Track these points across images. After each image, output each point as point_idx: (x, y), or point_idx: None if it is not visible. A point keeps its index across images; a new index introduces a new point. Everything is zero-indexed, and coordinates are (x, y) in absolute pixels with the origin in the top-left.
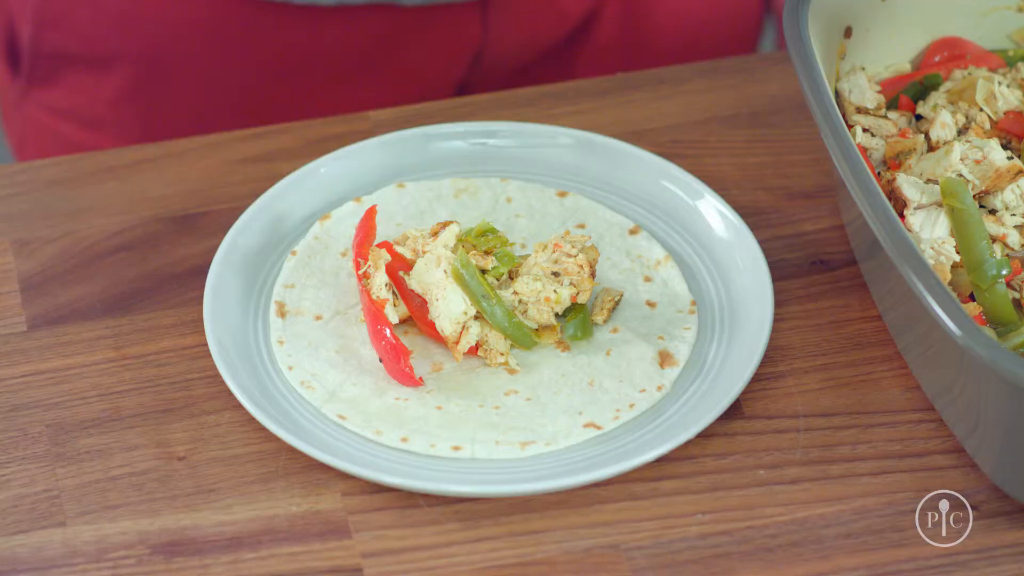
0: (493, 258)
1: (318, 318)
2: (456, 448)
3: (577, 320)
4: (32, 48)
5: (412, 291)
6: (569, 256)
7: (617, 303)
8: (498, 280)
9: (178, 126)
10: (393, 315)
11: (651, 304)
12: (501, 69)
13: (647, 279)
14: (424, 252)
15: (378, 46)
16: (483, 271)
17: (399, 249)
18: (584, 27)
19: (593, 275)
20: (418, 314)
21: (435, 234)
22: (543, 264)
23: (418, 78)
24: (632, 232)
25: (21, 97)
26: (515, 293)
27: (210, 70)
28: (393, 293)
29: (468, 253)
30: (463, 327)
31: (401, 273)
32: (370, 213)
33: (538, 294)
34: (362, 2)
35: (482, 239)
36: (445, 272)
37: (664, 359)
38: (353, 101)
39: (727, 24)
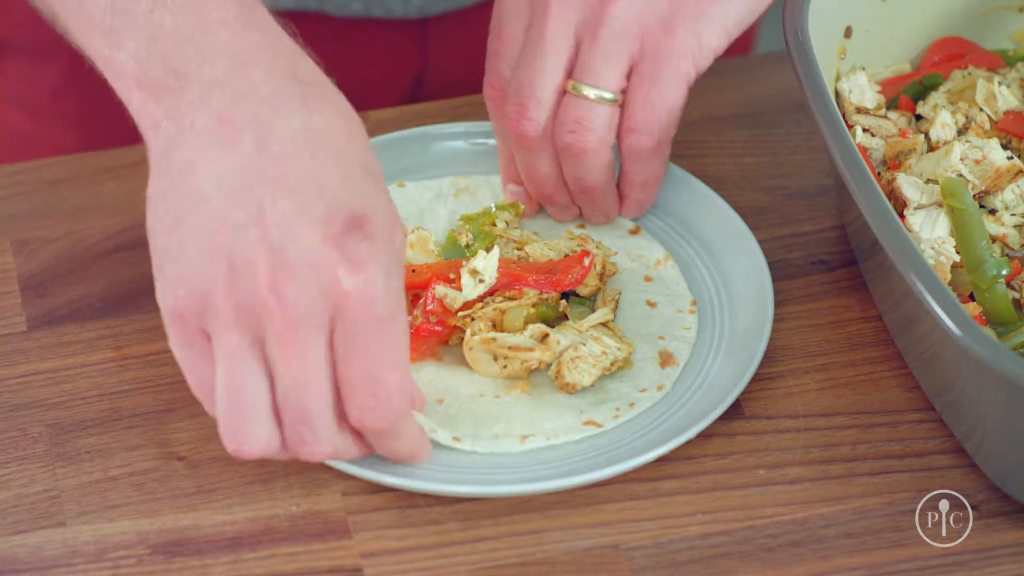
0: (469, 234)
1: None
2: (456, 439)
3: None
4: None
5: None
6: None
7: (617, 302)
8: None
9: (119, 121)
10: None
11: (651, 304)
12: (448, 95)
13: (647, 279)
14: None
15: (316, 56)
16: (467, 245)
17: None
18: None
19: (602, 278)
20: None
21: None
22: (561, 246)
23: (358, 94)
24: (632, 232)
25: None
26: (518, 249)
27: None
28: None
29: (460, 232)
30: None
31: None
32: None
33: (540, 255)
34: (291, 8)
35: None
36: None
37: (664, 359)
38: None
39: None
